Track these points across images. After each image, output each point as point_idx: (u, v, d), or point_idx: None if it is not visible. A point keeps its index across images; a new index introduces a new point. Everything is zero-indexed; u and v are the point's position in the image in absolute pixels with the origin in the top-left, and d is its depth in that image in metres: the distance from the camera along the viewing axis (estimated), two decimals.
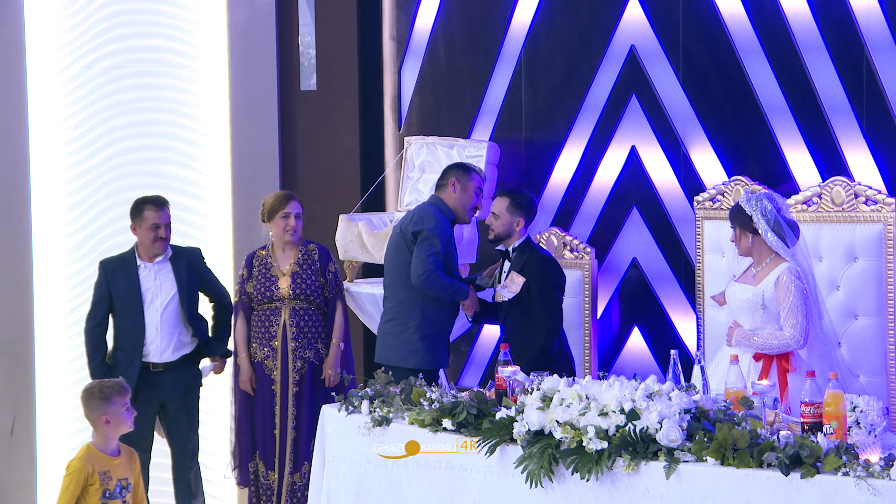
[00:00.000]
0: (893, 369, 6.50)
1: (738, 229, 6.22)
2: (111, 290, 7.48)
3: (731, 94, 7.29)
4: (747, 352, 6.12)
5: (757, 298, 6.11)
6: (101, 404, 6.10)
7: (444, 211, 7.08)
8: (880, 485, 4.78)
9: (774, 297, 6.08)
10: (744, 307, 6.17)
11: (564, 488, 5.44)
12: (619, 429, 5.28)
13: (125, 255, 7.53)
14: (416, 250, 6.95)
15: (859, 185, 6.66)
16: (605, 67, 7.70)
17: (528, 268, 7.03)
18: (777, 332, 6.07)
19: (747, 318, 6.18)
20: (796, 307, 6.04)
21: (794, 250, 6.16)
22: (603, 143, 7.75)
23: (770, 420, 5.35)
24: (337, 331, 7.48)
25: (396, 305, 7.13)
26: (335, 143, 8.67)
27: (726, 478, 5.06)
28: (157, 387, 7.48)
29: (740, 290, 6.22)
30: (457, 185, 7.11)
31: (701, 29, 7.35)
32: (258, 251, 7.60)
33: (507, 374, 5.90)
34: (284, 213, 7.44)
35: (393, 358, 7.09)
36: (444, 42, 8.39)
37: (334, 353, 7.43)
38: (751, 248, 6.21)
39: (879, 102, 6.78)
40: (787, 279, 6.06)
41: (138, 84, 8.90)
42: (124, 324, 7.48)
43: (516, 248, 7.12)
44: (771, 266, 6.17)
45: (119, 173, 8.88)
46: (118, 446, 6.18)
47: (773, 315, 6.10)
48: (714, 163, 7.35)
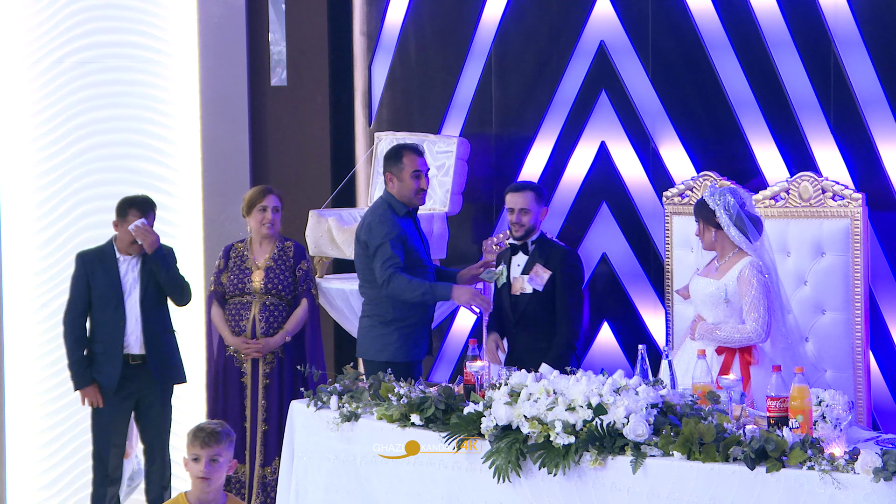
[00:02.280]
0: (860, 364, 6.53)
1: (702, 223, 6.25)
2: (90, 283, 7.47)
3: (699, 89, 7.31)
4: (710, 345, 6.14)
5: (720, 292, 6.15)
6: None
7: (394, 206, 7.03)
8: (845, 478, 4.80)
9: (737, 290, 6.11)
10: (707, 301, 6.20)
11: (532, 483, 5.45)
12: (587, 423, 5.29)
13: (103, 248, 7.53)
14: (373, 262, 6.92)
15: (827, 180, 6.68)
16: (575, 63, 7.71)
17: (553, 261, 7.04)
18: (739, 326, 6.10)
19: (710, 312, 6.21)
20: (758, 301, 6.07)
21: (757, 245, 6.19)
22: (573, 139, 7.76)
23: (736, 414, 5.37)
24: (291, 321, 7.46)
25: (368, 302, 7.13)
26: (306, 138, 8.67)
27: (692, 472, 5.07)
28: (135, 380, 7.48)
29: (703, 283, 6.25)
30: (392, 178, 7.05)
31: (670, 25, 7.37)
32: (236, 244, 7.61)
33: (475, 369, 5.90)
34: (262, 207, 7.47)
35: (369, 352, 7.11)
36: (415, 37, 8.39)
37: (277, 337, 7.41)
38: (714, 242, 6.24)
39: (847, 98, 6.81)
40: (749, 273, 6.09)
41: (109, 79, 8.87)
42: (103, 316, 7.46)
43: (535, 240, 7.12)
44: (734, 260, 6.19)
45: (89, 169, 8.85)
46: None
47: (735, 309, 6.14)
48: (683, 158, 7.37)
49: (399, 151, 7.08)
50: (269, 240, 7.53)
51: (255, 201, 7.48)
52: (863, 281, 6.52)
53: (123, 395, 7.47)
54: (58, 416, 8.72)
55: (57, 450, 8.78)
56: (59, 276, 8.73)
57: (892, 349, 6.77)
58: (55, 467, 8.78)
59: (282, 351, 7.46)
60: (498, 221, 8.04)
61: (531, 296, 7.08)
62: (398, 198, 7.02)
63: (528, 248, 7.16)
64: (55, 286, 8.74)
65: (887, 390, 6.77)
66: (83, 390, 7.50)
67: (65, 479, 8.76)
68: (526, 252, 7.17)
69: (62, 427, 8.76)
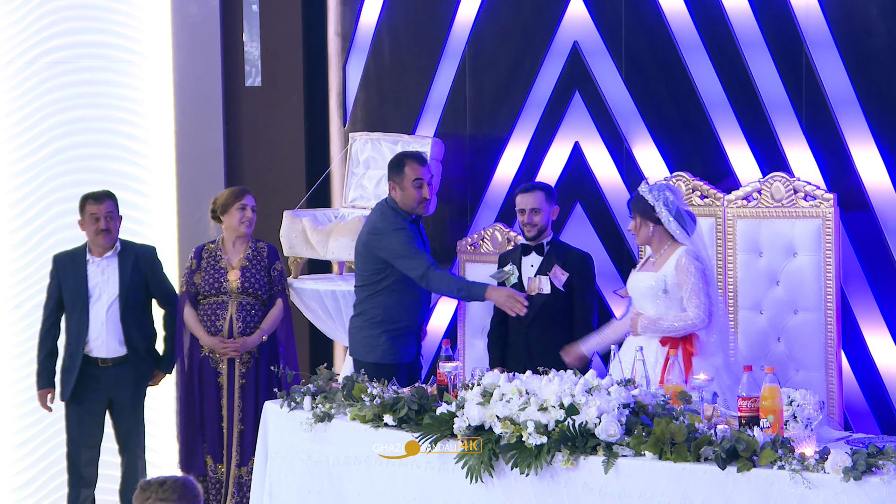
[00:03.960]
0: (832, 364, 6.56)
1: (640, 218, 6.34)
2: (61, 285, 7.48)
3: (672, 90, 7.33)
4: (654, 337, 6.20)
5: (659, 284, 6.21)
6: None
7: (397, 210, 7.08)
8: (815, 478, 4.82)
9: (675, 281, 6.18)
10: (646, 294, 6.26)
11: (504, 483, 5.46)
12: (559, 423, 5.31)
13: (76, 250, 7.54)
14: (401, 263, 6.97)
15: (799, 180, 6.71)
16: (549, 64, 7.72)
17: (572, 263, 7.04)
18: (681, 314, 6.17)
19: (651, 305, 6.27)
20: (698, 287, 6.15)
21: (695, 238, 6.30)
22: (546, 140, 7.77)
23: (708, 414, 5.39)
24: (267, 321, 7.46)
25: (360, 302, 7.16)
26: (280, 139, 8.66)
27: (664, 472, 5.09)
28: (104, 382, 7.47)
29: (642, 277, 6.32)
30: (395, 186, 7.10)
31: (643, 26, 7.39)
32: (207, 244, 7.60)
33: (448, 369, 5.92)
34: (241, 205, 7.46)
35: (359, 352, 7.14)
36: (389, 38, 8.39)
37: (254, 337, 7.40)
38: (651, 236, 6.33)
39: (819, 99, 6.84)
40: (686, 261, 6.18)
41: (82, 80, 8.85)
42: (70, 319, 7.48)
43: (549, 241, 7.11)
44: (669, 252, 6.28)
45: (63, 169, 8.83)
46: None
47: (674, 300, 6.21)
48: (656, 159, 7.39)
49: (401, 160, 7.14)
50: (243, 240, 7.52)
51: (232, 201, 7.47)
52: (835, 281, 6.55)
53: (94, 397, 7.46)
54: (32, 417, 8.69)
55: (32, 450, 8.76)
56: (32, 276, 8.71)
57: (864, 349, 6.80)
58: (30, 468, 8.76)
59: (258, 351, 7.45)
60: (472, 222, 8.05)
61: (547, 296, 7.03)
62: (401, 206, 7.07)
63: (544, 248, 7.11)
64: (29, 287, 8.72)
65: (859, 390, 6.80)
66: (39, 392, 7.57)
67: (39, 479, 8.75)
68: (540, 253, 7.10)
69: (37, 427, 8.74)
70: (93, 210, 7.43)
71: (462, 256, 7.83)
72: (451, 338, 6.89)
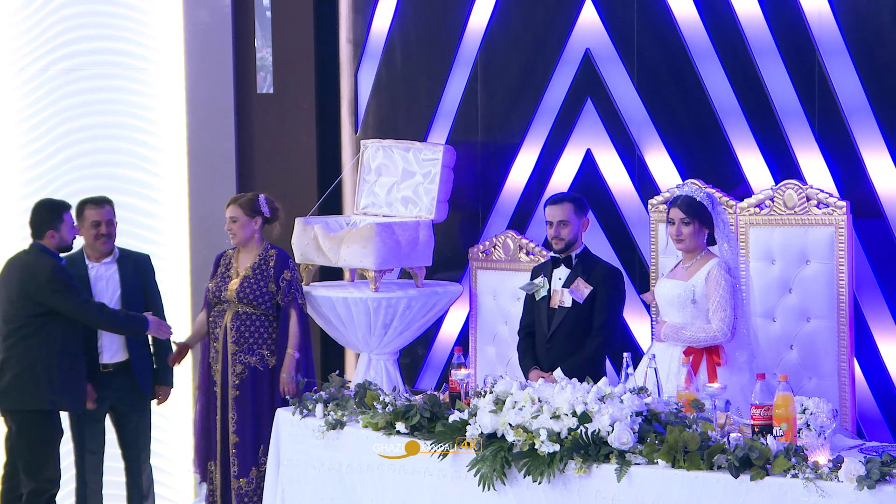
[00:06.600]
0: (845, 371, 6.55)
1: (697, 224, 6.23)
2: None
3: (685, 97, 7.33)
4: (676, 346, 6.18)
5: (687, 293, 6.18)
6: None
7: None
8: (829, 486, 4.82)
9: (705, 292, 6.15)
10: (674, 302, 6.23)
11: (517, 491, 5.46)
12: (571, 431, 5.31)
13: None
14: None
15: (811, 188, 6.70)
16: (561, 71, 7.72)
17: (596, 276, 6.88)
18: (705, 326, 6.14)
19: (677, 314, 6.24)
20: (725, 301, 6.11)
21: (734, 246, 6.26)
22: (558, 147, 7.77)
23: (721, 422, 5.38)
24: (291, 339, 7.32)
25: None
26: (292, 146, 8.66)
27: (677, 480, 5.09)
28: (107, 388, 7.41)
29: (670, 285, 6.28)
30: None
31: (655, 33, 7.39)
32: (227, 251, 7.55)
33: (460, 377, 5.91)
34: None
35: None
36: (401, 45, 8.40)
37: (288, 361, 7.26)
38: (697, 244, 6.25)
39: (831, 106, 6.83)
40: (717, 273, 6.14)
41: (94, 87, 8.87)
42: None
43: (579, 254, 6.98)
44: (702, 262, 6.25)
45: (75, 176, 8.86)
46: None
47: (702, 310, 6.18)
48: (668, 166, 7.38)
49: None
50: (252, 247, 7.45)
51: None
52: (847, 288, 6.54)
53: (96, 401, 7.38)
54: None
55: None
56: None
57: (877, 357, 6.78)
58: None
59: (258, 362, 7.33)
60: (484, 229, 8.05)
61: (569, 309, 6.94)
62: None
63: (572, 261, 6.97)
64: None
65: (872, 398, 6.79)
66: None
67: None
68: (569, 265, 6.95)
69: None
70: (93, 216, 7.38)
71: (474, 264, 7.82)
72: (462, 345, 6.88)
